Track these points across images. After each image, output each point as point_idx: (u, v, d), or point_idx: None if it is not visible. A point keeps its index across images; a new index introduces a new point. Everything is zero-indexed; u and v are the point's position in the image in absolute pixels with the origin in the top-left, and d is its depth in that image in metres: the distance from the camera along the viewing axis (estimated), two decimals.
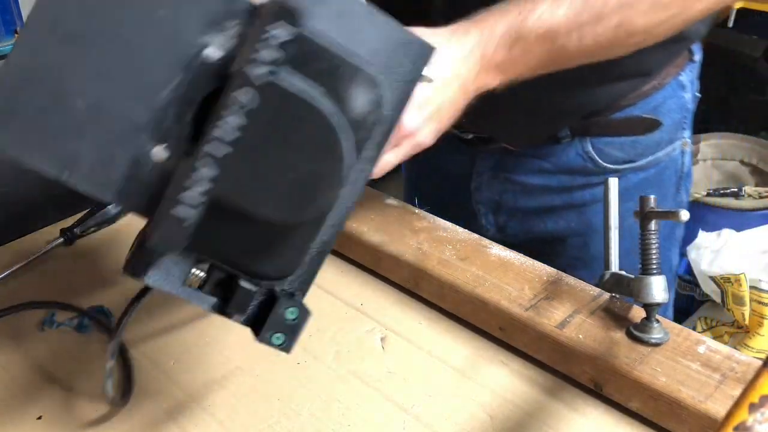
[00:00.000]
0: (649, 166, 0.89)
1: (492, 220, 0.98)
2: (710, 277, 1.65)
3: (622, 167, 0.88)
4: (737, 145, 2.11)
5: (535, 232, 0.95)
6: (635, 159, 0.88)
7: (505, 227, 0.97)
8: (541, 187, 0.92)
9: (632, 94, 0.84)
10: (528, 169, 0.91)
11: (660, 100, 0.86)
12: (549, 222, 0.94)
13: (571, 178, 0.90)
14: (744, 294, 1.56)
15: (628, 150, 0.87)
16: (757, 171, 2.09)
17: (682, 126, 0.90)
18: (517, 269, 0.73)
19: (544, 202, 0.93)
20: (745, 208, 1.85)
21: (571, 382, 0.65)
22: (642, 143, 0.87)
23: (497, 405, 0.63)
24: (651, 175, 0.89)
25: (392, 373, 0.67)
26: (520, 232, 0.97)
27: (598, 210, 0.87)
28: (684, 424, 0.57)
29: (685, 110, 0.90)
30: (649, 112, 0.86)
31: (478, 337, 0.71)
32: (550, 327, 0.65)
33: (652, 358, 0.61)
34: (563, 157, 0.88)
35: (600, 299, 0.68)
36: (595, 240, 0.92)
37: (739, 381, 0.58)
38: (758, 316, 1.58)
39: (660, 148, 0.88)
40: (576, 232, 0.93)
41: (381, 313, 0.75)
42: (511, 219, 0.96)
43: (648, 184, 0.89)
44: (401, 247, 0.77)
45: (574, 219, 0.92)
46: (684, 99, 0.89)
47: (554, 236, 0.94)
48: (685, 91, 0.89)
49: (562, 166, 0.89)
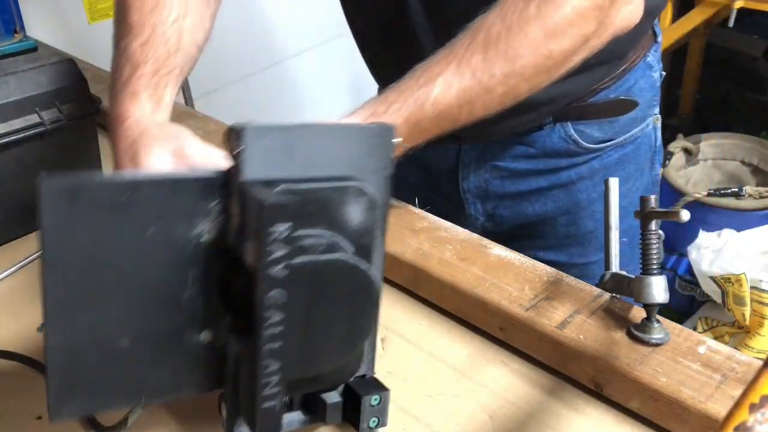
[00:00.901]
0: (627, 142, 0.93)
1: (480, 209, 0.99)
2: (711, 277, 1.65)
3: (603, 146, 0.92)
4: (738, 145, 2.11)
5: (524, 216, 0.98)
6: (614, 137, 0.92)
7: (494, 214, 0.99)
8: (528, 170, 0.94)
9: (607, 78, 0.88)
10: (513, 155, 0.93)
11: (632, 81, 0.91)
12: (537, 204, 0.96)
13: (556, 160, 0.92)
14: (744, 294, 1.56)
15: (606, 130, 0.91)
16: (758, 171, 2.09)
17: (653, 103, 0.95)
18: (517, 269, 0.73)
19: (531, 185, 0.95)
20: (746, 208, 1.85)
21: (572, 383, 0.65)
22: (620, 122, 0.91)
23: (497, 405, 0.63)
24: (629, 151, 0.94)
25: (392, 374, 0.67)
26: (509, 217, 0.99)
27: (584, 187, 0.94)
28: (684, 424, 0.57)
29: (654, 89, 0.94)
30: (624, 93, 0.90)
31: (478, 337, 0.71)
32: (550, 327, 0.65)
33: (653, 359, 0.61)
34: (547, 141, 0.91)
35: (600, 299, 0.68)
36: (583, 217, 0.96)
37: (740, 381, 0.58)
38: (759, 317, 1.58)
39: (635, 125, 0.93)
40: (564, 211, 0.96)
41: (381, 314, 0.75)
42: (500, 205, 0.98)
43: (627, 160, 0.94)
44: (401, 247, 0.77)
45: (561, 198, 0.95)
46: (653, 78, 0.93)
47: (543, 217, 0.97)
48: (653, 70, 0.93)
49: (547, 150, 0.92)
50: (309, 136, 0.45)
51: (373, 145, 0.47)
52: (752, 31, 2.50)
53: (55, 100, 0.85)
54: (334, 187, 0.45)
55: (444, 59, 0.65)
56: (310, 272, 0.43)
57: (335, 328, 0.46)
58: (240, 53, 2.14)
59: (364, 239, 0.47)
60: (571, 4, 0.63)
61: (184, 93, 1.85)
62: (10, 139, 0.82)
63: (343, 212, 0.46)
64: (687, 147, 2.10)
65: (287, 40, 2.30)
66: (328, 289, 0.44)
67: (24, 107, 0.83)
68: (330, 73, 2.45)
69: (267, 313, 0.41)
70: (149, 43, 0.69)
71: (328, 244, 0.44)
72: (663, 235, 0.64)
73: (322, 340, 0.45)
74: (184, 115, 1.11)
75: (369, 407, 0.52)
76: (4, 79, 0.82)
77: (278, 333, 0.42)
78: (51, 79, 0.85)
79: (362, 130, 0.47)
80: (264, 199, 0.40)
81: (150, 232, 0.43)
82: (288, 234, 0.40)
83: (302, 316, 0.43)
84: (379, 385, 0.53)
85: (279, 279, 0.41)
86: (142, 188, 0.42)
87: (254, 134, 0.43)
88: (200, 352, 0.46)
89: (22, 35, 0.92)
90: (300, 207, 0.44)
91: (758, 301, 1.57)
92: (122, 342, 0.44)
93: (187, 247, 0.44)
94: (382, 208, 0.49)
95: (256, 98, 2.29)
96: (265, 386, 0.43)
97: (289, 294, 0.41)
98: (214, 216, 0.44)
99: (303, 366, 0.45)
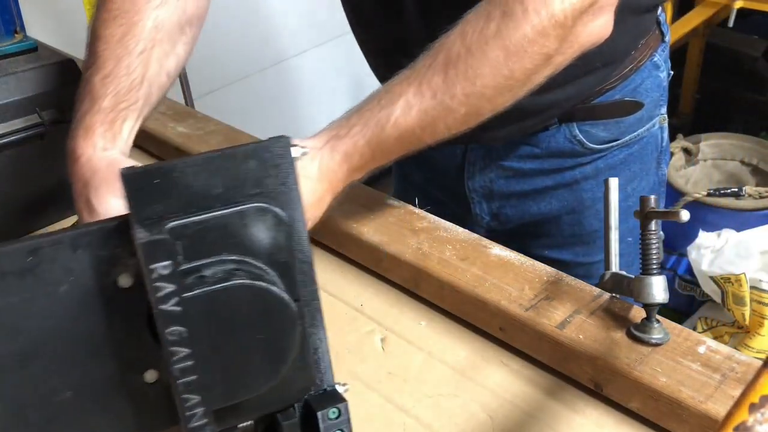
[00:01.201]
0: (632, 142, 0.93)
1: (486, 208, 1.00)
2: (710, 277, 1.65)
3: (608, 146, 0.92)
4: (737, 145, 2.11)
5: (529, 215, 0.98)
6: (619, 137, 0.92)
7: (499, 213, 1.00)
8: (533, 170, 0.94)
9: (613, 78, 0.88)
10: (519, 155, 0.94)
11: (638, 81, 0.90)
12: (542, 203, 0.97)
13: (561, 160, 0.93)
14: (744, 294, 1.56)
15: (612, 130, 0.91)
16: (758, 171, 2.09)
17: (659, 103, 0.95)
18: (517, 269, 0.73)
19: (536, 185, 0.95)
20: (746, 208, 1.85)
21: (572, 383, 0.65)
22: (625, 122, 0.91)
23: (497, 405, 0.63)
24: (635, 151, 0.94)
25: (392, 375, 0.67)
26: (514, 216, 0.99)
27: (588, 187, 0.94)
28: (684, 424, 0.57)
29: (661, 88, 0.94)
30: (629, 93, 0.90)
31: (478, 338, 0.71)
32: (550, 327, 0.65)
33: (653, 359, 0.61)
34: (552, 142, 0.91)
35: (600, 299, 0.68)
36: (588, 216, 0.96)
37: (740, 381, 0.58)
38: (758, 316, 1.58)
39: (641, 125, 0.93)
40: (569, 210, 0.96)
41: (381, 314, 0.75)
42: (505, 204, 0.98)
43: (632, 159, 0.94)
44: (401, 247, 0.77)
45: (566, 198, 0.95)
46: (660, 78, 0.93)
47: (548, 216, 0.97)
48: (659, 70, 0.93)
49: (552, 150, 0.92)
50: (195, 168, 0.45)
51: (269, 163, 0.47)
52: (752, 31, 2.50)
53: (55, 100, 0.85)
54: (232, 212, 0.45)
55: (405, 80, 0.65)
56: (207, 303, 0.43)
57: (253, 352, 0.45)
58: (240, 53, 2.15)
59: (280, 256, 0.47)
60: (531, 22, 0.62)
61: (184, 93, 1.85)
62: (10, 139, 0.82)
63: (248, 234, 0.46)
64: (687, 147, 2.10)
65: (287, 40, 2.31)
66: (233, 315, 0.44)
67: (24, 107, 0.83)
68: (330, 73, 2.45)
69: (172, 349, 0.42)
70: (111, 75, 0.69)
71: (230, 271, 0.44)
72: (663, 235, 0.64)
73: (241, 366, 0.45)
74: (185, 115, 1.12)
75: (328, 421, 0.52)
76: (4, 79, 0.82)
77: (189, 367, 0.43)
78: (51, 79, 0.85)
79: (253, 150, 0.47)
80: (140, 238, 0.41)
81: (64, 289, 0.44)
82: (172, 270, 0.41)
83: (212, 347, 0.44)
84: (337, 397, 0.53)
85: (175, 315, 0.42)
86: (42, 249, 0.44)
87: (133, 178, 0.44)
88: (149, 392, 0.47)
89: (22, 35, 0.92)
90: (195, 239, 0.44)
91: (758, 301, 1.57)
92: (65, 395, 0.45)
93: (105, 294, 0.45)
94: (297, 222, 0.49)
95: (256, 98, 2.29)
96: (190, 419, 0.44)
97: (189, 328, 0.42)
98: (125, 261, 0.45)
99: (227, 395, 0.45)
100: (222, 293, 0.43)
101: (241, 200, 0.46)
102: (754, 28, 2.50)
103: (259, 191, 0.47)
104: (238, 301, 0.44)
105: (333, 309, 0.76)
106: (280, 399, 0.51)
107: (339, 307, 0.77)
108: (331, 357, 0.52)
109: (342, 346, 0.71)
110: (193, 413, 0.44)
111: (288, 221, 0.47)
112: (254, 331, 0.45)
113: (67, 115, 0.85)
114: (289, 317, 0.46)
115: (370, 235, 0.80)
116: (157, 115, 1.12)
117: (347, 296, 0.78)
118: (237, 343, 0.45)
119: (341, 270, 0.83)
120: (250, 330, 0.45)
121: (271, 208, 0.46)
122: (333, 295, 0.78)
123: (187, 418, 0.44)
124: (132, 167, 0.44)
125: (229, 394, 0.46)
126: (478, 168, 0.97)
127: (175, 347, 0.42)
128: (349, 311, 0.76)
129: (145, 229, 0.43)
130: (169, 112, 1.12)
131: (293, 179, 0.48)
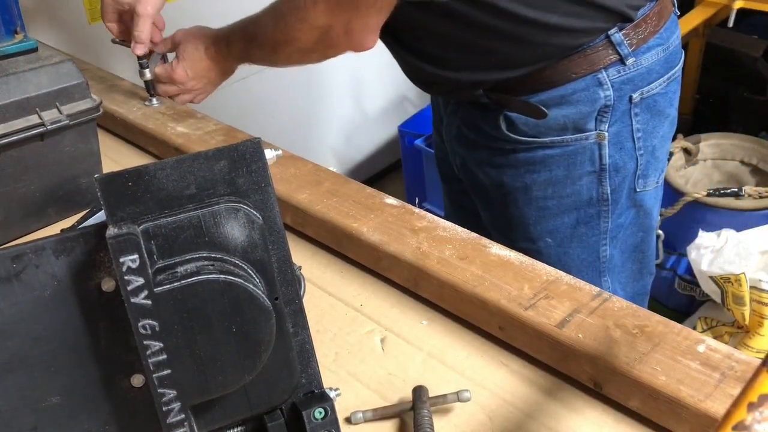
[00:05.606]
0: (554, 145, 0.98)
1: (458, 160, 1.13)
2: (710, 277, 1.65)
3: (528, 140, 0.99)
4: (737, 145, 2.11)
5: (477, 182, 1.10)
6: (539, 136, 0.98)
7: (461, 168, 1.13)
8: (473, 141, 1.06)
9: (539, 79, 0.94)
10: (467, 124, 1.06)
11: (570, 91, 0.94)
12: (481, 173, 1.07)
13: (492, 140, 1.02)
14: (744, 294, 1.57)
15: (531, 126, 0.98)
16: (758, 171, 2.09)
17: (593, 119, 0.97)
18: (516, 269, 0.73)
19: (475, 156, 1.07)
20: (745, 208, 1.85)
21: (571, 383, 0.65)
22: (542, 124, 0.97)
23: (496, 406, 0.63)
24: (557, 154, 0.99)
25: (392, 374, 0.67)
26: (468, 177, 1.12)
27: (511, 173, 1.03)
28: (683, 423, 0.58)
29: (598, 105, 0.96)
30: (556, 99, 0.95)
31: (478, 337, 0.71)
32: (549, 326, 0.65)
33: (652, 357, 0.61)
34: (488, 119, 1.01)
35: (599, 298, 0.69)
36: (507, 201, 1.06)
37: (739, 380, 0.58)
38: (758, 316, 1.58)
39: (565, 133, 0.97)
40: (497, 187, 1.06)
41: (381, 314, 0.75)
42: (465, 161, 1.11)
43: (554, 163, 1.00)
44: (401, 247, 0.77)
45: (492, 176, 1.05)
46: (598, 95, 0.95)
47: (487, 188, 1.08)
48: (603, 89, 0.95)
49: (485, 129, 1.02)
50: (167, 171, 0.46)
51: (240, 164, 0.48)
52: (752, 31, 2.50)
53: (55, 100, 0.85)
54: (204, 212, 0.46)
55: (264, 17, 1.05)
56: (177, 297, 0.44)
57: (226, 347, 0.46)
58: None
59: (255, 253, 0.48)
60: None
61: None
62: (10, 139, 0.82)
63: (221, 233, 0.47)
64: (686, 147, 2.10)
65: None
66: (204, 309, 0.45)
67: (24, 107, 0.83)
68: (330, 72, 2.45)
69: (145, 342, 0.43)
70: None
71: (201, 267, 0.45)
72: (663, 234, 0.64)
73: (215, 360, 0.46)
74: (185, 115, 1.12)
75: (315, 421, 0.52)
76: (5, 79, 0.82)
77: (164, 361, 0.44)
78: (51, 79, 0.85)
79: (224, 151, 0.48)
80: (109, 235, 0.43)
81: (49, 293, 0.45)
82: (140, 264, 0.42)
83: (185, 341, 0.44)
84: (324, 398, 0.53)
85: (146, 308, 0.43)
86: (26, 255, 0.45)
87: (107, 182, 0.45)
88: (136, 396, 0.48)
89: (22, 35, 0.92)
90: (169, 238, 0.45)
91: (758, 300, 1.57)
92: (53, 399, 0.46)
93: (90, 299, 0.46)
94: (272, 221, 0.49)
95: (257, 98, 2.29)
96: (167, 414, 0.44)
97: (160, 322, 0.43)
98: (107, 265, 0.46)
99: (202, 389, 0.46)
100: (191, 288, 0.44)
101: (213, 200, 0.47)
102: (754, 28, 2.50)
103: (231, 191, 0.48)
104: (208, 296, 0.44)
105: (333, 309, 0.76)
106: (265, 400, 0.51)
107: (339, 307, 0.77)
108: (327, 358, 0.53)
109: (342, 346, 0.71)
110: (170, 408, 0.44)
111: (260, 219, 0.48)
112: (226, 325, 0.45)
113: (68, 115, 0.85)
114: (261, 311, 0.46)
115: (370, 235, 0.80)
116: (157, 115, 1.12)
117: (347, 296, 0.78)
118: (209, 337, 0.45)
119: (341, 270, 0.83)
120: (221, 324, 0.45)
121: (243, 206, 0.47)
122: (333, 295, 0.78)
123: (164, 413, 0.44)
124: (107, 173, 0.45)
125: (204, 389, 0.46)
126: (447, 120, 1.12)
127: (148, 341, 0.43)
128: (349, 311, 0.76)
129: (116, 227, 0.44)
130: (169, 112, 1.13)
131: (266, 179, 0.49)
